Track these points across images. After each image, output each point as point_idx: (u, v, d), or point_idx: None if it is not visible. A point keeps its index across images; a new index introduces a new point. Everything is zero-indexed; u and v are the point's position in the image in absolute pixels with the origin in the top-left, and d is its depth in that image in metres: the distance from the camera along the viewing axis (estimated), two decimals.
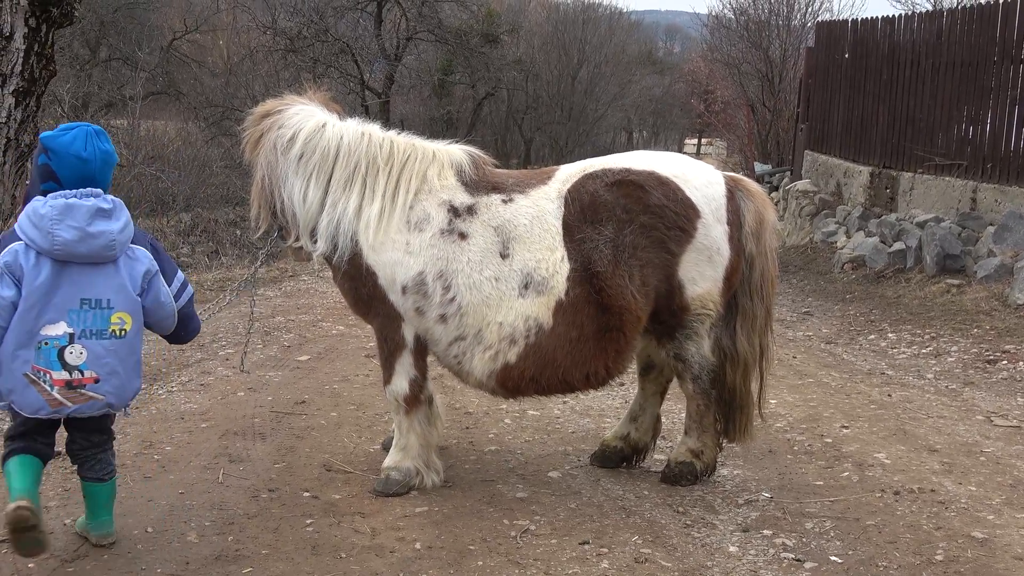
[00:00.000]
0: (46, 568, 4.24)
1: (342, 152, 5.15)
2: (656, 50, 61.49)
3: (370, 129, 5.31)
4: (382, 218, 5.06)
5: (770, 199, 5.50)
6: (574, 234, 5.01)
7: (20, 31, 10.33)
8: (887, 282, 12.03)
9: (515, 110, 37.97)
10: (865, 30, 16.30)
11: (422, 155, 5.23)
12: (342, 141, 5.16)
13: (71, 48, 24.44)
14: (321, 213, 5.15)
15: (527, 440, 6.21)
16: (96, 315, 4.17)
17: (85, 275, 4.15)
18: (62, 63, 15.20)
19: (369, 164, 5.15)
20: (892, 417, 6.74)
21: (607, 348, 5.04)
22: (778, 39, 28.24)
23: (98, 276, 4.18)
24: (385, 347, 5.21)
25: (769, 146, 27.36)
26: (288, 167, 5.15)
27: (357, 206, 5.10)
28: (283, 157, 5.14)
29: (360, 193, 5.11)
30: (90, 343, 4.16)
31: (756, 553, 4.53)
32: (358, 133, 5.23)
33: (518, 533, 4.71)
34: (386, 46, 29.18)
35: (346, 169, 5.14)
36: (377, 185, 5.12)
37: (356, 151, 5.15)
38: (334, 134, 5.18)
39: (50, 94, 13.55)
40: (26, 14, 10.32)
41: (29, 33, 10.37)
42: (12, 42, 10.39)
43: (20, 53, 10.39)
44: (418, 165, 5.18)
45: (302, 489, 5.22)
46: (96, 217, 4.12)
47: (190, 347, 8.51)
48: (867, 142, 15.71)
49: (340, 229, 5.09)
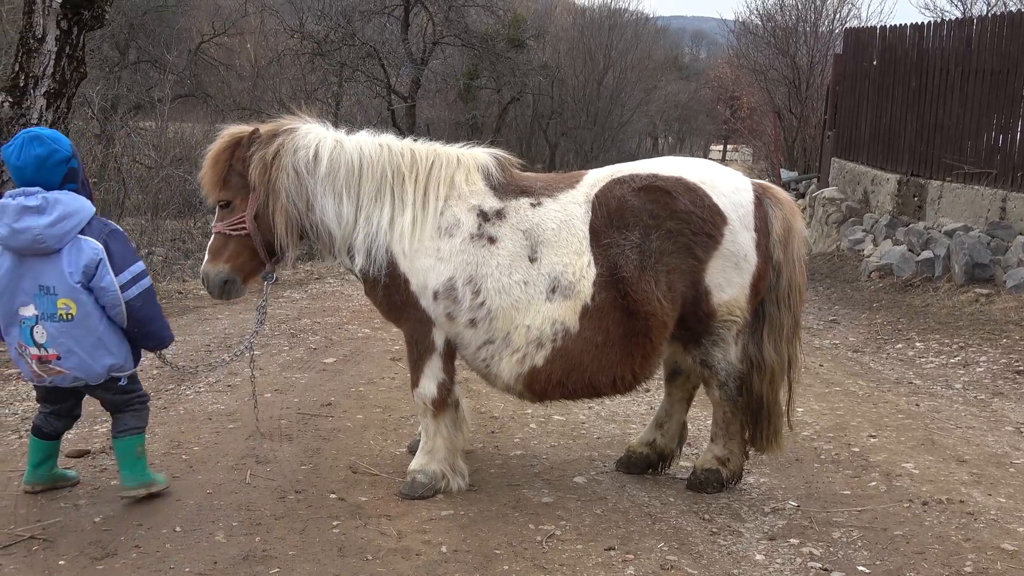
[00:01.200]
0: (77, 566, 4.27)
1: (365, 165, 5.14)
2: (682, 56, 61.44)
3: (386, 139, 5.32)
4: (415, 226, 5.07)
5: (798, 206, 5.47)
6: (601, 239, 5.01)
7: (52, 33, 10.46)
8: (915, 291, 11.95)
9: (540, 115, 37.99)
10: (894, 37, 16.21)
11: (446, 160, 5.24)
12: (363, 154, 5.16)
13: (101, 50, 24.65)
14: (356, 229, 5.14)
15: (552, 445, 6.21)
16: (48, 300, 4.73)
17: (40, 263, 4.71)
18: (92, 65, 15.39)
19: (394, 174, 5.15)
20: (920, 427, 6.70)
21: (633, 353, 5.04)
22: (805, 46, 28.17)
23: (49, 264, 4.71)
24: (415, 351, 5.23)
25: (795, 153, 27.28)
26: (316, 187, 5.09)
27: (390, 217, 5.10)
28: (310, 178, 5.08)
29: (391, 204, 5.12)
30: (47, 324, 4.74)
31: (783, 562, 4.51)
32: (376, 144, 5.23)
33: (544, 538, 4.71)
34: (413, 50, 29.25)
35: (373, 182, 5.14)
36: (405, 194, 5.13)
37: (379, 162, 5.16)
38: (353, 148, 5.18)
39: (80, 96, 13.67)
40: (58, 17, 10.44)
41: (61, 35, 10.50)
42: (44, 44, 10.52)
43: (52, 55, 10.52)
44: (444, 171, 5.19)
45: (328, 491, 5.25)
46: (23, 214, 4.62)
47: (217, 348, 8.57)
48: (895, 150, 15.62)
49: (377, 242, 5.09)
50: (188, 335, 9.33)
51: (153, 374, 7.71)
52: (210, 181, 5.17)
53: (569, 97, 38.63)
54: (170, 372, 7.60)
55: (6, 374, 7.45)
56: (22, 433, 6.07)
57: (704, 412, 6.42)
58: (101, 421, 6.34)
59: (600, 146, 38.71)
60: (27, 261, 4.69)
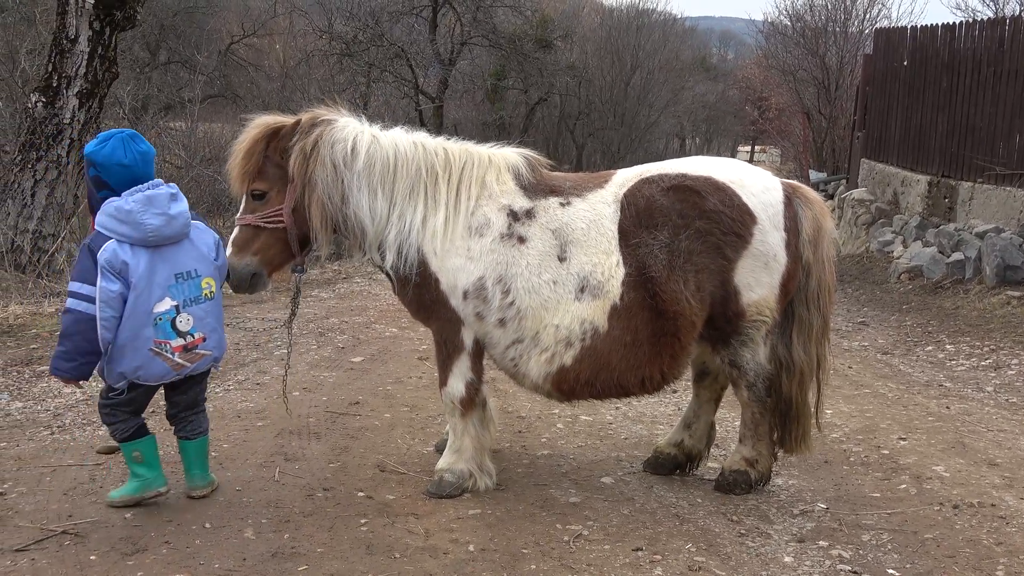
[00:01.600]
0: (107, 561, 4.32)
1: (400, 162, 5.13)
2: (710, 56, 61.19)
3: (421, 137, 5.31)
4: (447, 226, 5.07)
5: (828, 207, 5.44)
6: (629, 239, 5.00)
7: (84, 34, 10.59)
8: (945, 293, 11.86)
9: (567, 115, 37.95)
10: (925, 37, 16.07)
11: (478, 160, 5.24)
12: (398, 151, 5.15)
13: (132, 51, 24.88)
14: (388, 225, 5.14)
15: (580, 445, 6.20)
16: (190, 285, 4.86)
17: (171, 253, 4.81)
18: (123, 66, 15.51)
19: (428, 172, 5.15)
20: (951, 430, 6.64)
21: (662, 353, 5.02)
22: (835, 46, 28.02)
23: (181, 252, 4.86)
24: (443, 350, 5.24)
25: (824, 154, 27.13)
26: (352, 181, 5.06)
27: (423, 216, 5.09)
28: (347, 171, 5.05)
29: (424, 203, 5.12)
30: (192, 309, 4.85)
31: (812, 564, 4.48)
32: (410, 142, 5.22)
33: (571, 538, 4.70)
34: (440, 51, 29.31)
35: (407, 179, 5.13)
36: (439, 194, 5.13)
37: (413, 160, 5.15)
38: (388, 144, 5.17)
39: (111, 96, 13.80)
40: (90, 18, 10.57)
41: (93, 36, 10.64)
42: (77, 45, 10.65)
43: (84, 56, 10.66)
44: (476, 171, 5.19)
45: (356, 489, 5.27)
46: (171, 201, 4.78)
47: (246, 346, 8.63)
48: (925, 151, 15.49)
49: (409, 240, 5.08)
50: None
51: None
52: (244, 171, 5.09)
53: (596, 98, 38.57)
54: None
55: (38, 371, 7.53)
56: (54, 429, 6.14)
57: (732, 413, 6.39)
58: None
59: (627, 147, 38.60)
60: (160, 253, 4.76)
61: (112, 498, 4.94)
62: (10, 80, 15.86)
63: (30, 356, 8.00)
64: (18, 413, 6.51)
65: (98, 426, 6.00)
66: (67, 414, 6.47)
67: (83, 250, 4.73)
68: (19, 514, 4.79)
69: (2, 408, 6.63)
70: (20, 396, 6.89)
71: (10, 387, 7.15)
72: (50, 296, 10.45)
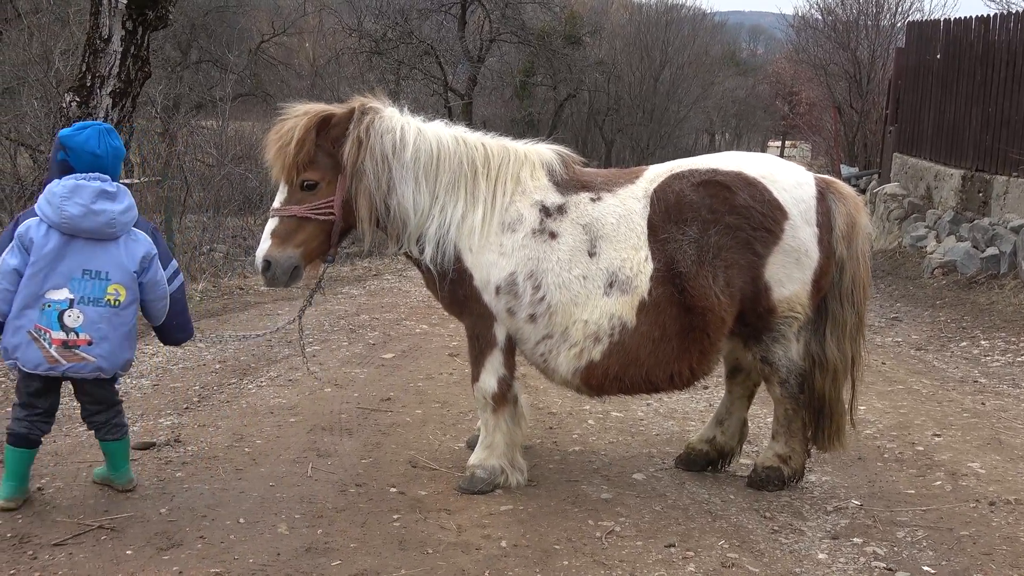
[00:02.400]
0: (143, 556, 4.35)
1: (443, 155, 5.12)
2: (740, 51, 60.80)
3: (461, 132, 5.31)
4: (484, 222, 5.08)
5: (862, 202, 5.39)
6: (658, 234, 4.99)
7: (117, 34, 10.66)
8: (979, 288, 11.73)
9: (596, 112, 37.85)
10: (958, 30, 15.90)
11: (515, 156, 5.23)
12: (441, 144, 5.14)
13: (163, 50, 25.08)
14: (429, 219, 5.11)
15: (611, 441, 6.19)
16: (95, 284, 4.77)
17: (89, 248, 4.77)
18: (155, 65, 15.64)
19: (469, 166, 5.14)
20: (986, 426, 6.57)
21: (691, 349, 5.01)
22: (867, 40, 27.78)
23: (100, 250, 4.79)
24: (476, 345, 5.24)
25: (856, 148, 26.92)
26: (399, 172, 5.04)
27: (463, 212, 5.09)
28: (396, 162, 5.03)
29: (464, 198, 5.11)
30: (87, 308, 4.75)
31: (846, 561, 4.45)
32: (452, 136, 5.21)
33: (603, 534, 4.70)
34: (469, 48, 29.34)
35: (449, 173, 5.11)
36: (478, 189, 5.12)
37: (455, 154, 5.14)
38: (433, 136, 5.15)
39: (143, 95, 13.91)
40: (123, 17, 10.64)
41: (126, 36, 10.70)
42: (110, 44, 10.73)
43: (117, 55, 10.73)
44: (512, 167, 5.19)
45: (389, 485, 5.29)
46: (100, 197, 4.74)
47: (278, 343, 8.67)
48: (959, 145, 15.32)
49: (448, 235, 5.07)
50: (250, 330, 9.45)
51: (215, 368, 7.83)
52: (295, 160, 4.98)
53: (625, 93, 38.42)
54: (232, 366, 7.73)
55: None
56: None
57: (765, 410, 6.36)
58: (166, 414, 6.46)
59: (656, 143, 38.45)
60: (74, 244, 4.73)
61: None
62: (45, 80, 16.01)
63: None
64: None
65: (132, 423, 6.07)
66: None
67: (12, 222, 4.84)
68: (56, 509, 4.85)
69: None
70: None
71: None
72: None
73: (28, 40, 17.70)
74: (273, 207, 5.12)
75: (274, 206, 5.11)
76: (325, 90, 27.34)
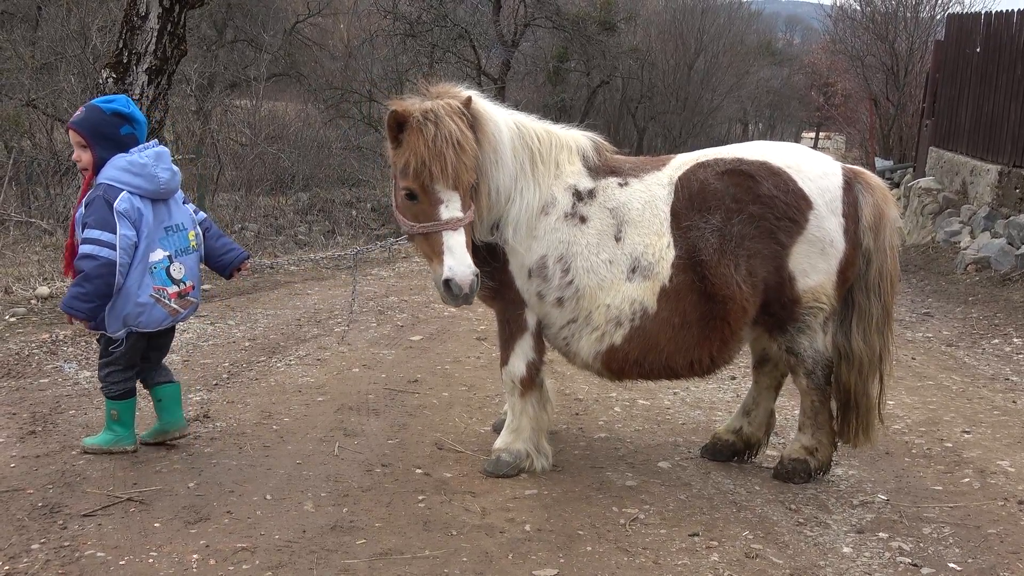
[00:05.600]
0: (171, 528, 4.41)
1: (517, 140, 5.05)
2: (775, 41, 60.26)
3: (519, 117, 5.22)
4: (531, 204, 5.06)
5: (891, 194, 5.33)
6: (681, 221, 4.98)
7: (155, 11, 10.73)
8: (1013, 285, 11.60)
9: (629, 99, 37.65)
10: (999, 23, 15.67)
11: (556, 141, 5.22)
12: (516, 128, 5.07)
13: (199, 29, 25.10)
14: (509, 202, 5.01)
15: (637, 429, 6.19)
16: (179, 236, 5.26)
17: (161, 208, 5.20)
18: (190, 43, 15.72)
19: (531, 149, 5.10)
20: (1017, 424, 6.51)
21: (711, 336, 5.00)
22: (905, 32, 27.44)
23: (167, 208, 5.24)
24: (506, 329, 5.25)
25: (891, 141, 26.65)
26: (498, 158, 4.92)
27: (532, 193, 5.04)
28: (501, 145, 4.93)
29: (533, 180, 5.06)
30: (183, 259, 5.26)
31: (871, 556, 4.43)
32: (512, 121, 5.11)
33: (627, 521, 4.70)
34: (503, 32, 29.25)
35: (521, 155, 5.05)
36: (537, 172, 5.09)
37: (522, 137, 5.07)
38: (509, 121, 5.07)
39: (179, 73, 13.98)
40: None
41: (163, 13, 10.78)
42: (147, 21, 10.80)
43: (154, 33, 10.80)
44: (554, 151, 5.18)
45: (414, 466, 5.32)
46: (170, 159, 5.24)
47: (307, 323, 8.72)
48: (997, 140, 15.12)
49: (521, 218, 5.01)
50: (280, 309, 9.52)
51: (245, 346, 7.89)
52: (468, 166, 4.70)
53: (659, 81, 38.19)
54: (261, 344, 7.78)
55: None
56: None
57: (792, 401, 6.33)
58: (196, 390, 6.52)
59: (689, 131, 38.20)
60: (153, 208, 5.14)
61: (85, 444, 5.32)
62: (82, 56, 16.13)
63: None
64: (86, 382, 6.65)
65: None
66: None
67: (98, 200, 5.00)
68: (87, 480, 4.91)
69: (71, 377, 6.79)
70: (88, 366, 7.05)
71: (78, 356, 7.32)
72: None
73: (66, 16, 17.83)
74: (457, 217, 4.67)
75: (457, 216, 4.67)
76: (358, 71, 27.38)
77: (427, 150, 4.58)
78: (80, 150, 5.16)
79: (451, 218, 4.66)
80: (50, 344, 7.61)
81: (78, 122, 5.13)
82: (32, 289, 9.36)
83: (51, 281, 9.78)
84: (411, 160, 4.62)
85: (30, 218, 13.12)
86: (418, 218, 4.73)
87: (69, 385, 6.60)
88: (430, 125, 4.61)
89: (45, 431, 5.64)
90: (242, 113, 22.56)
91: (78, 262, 5.01)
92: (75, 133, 5.13)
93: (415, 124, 4.64)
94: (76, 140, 5.16)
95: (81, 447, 5.30)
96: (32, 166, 14.88)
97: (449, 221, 4.65)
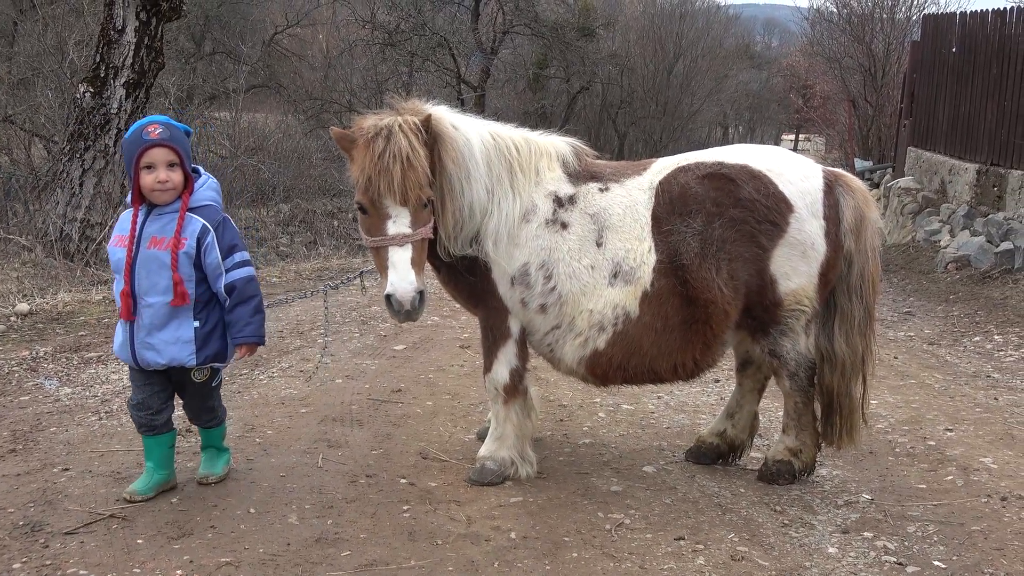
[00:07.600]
0: (154, 544, 4.38)
1: (491, 151, 5.04)
2: (754, 44, 60.59)
3: (494, 127, 5.22)
4: (511, 215, 5.05)
5: (872, 196, 5.36)
6: (662, 225, 4.99)
7: (131, 25, 10.72)
8: (993, 283, 11.67)
9: (609, 104, 37.78)
10: (974, 23, 15.81)
11: (535, 148, 5.22)
12: (489, 140, 5.06)
13: (177, 42, 25.07)
14: (487, 215, 5.00)
15: (621, 434, 6.19)
16: None
17: None
18: (168, 56, 15.67)
19: (507, 159, 5.08)
20: (999, 421, 6.54)
21: (694, 340, 5.01)
22: (881, 33, 27.63)
23: None
24: (490, 336, 5.24)
25: (870, 142, 26.80)
26: (471, 172, 4.91)
27: (511, 204, 5.03)
28: (470, 160, 4.91)
29: (510, 190, 5.05)
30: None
31: (856, 555, 4.44)
32: (489, 132, 5.12)
33: (613, 526, 4.70)
34: (482, 40, 29.32)
35: (496, 166, 5.03)
36: (515, 181, 5.09)
37: (497, 147, 5.06)
38: (483, 133, 5.06)
39: (157, 86, 13.94)
40: (137, 8, 10.67)
41: (140, 27, 10.76)
42: (124, 35, 10.78)
43: (131, 46, 10.79)
44: (533, 158, 5.18)
45: (399, 475, 5.30)
46: None
47: (290, 334, 8.69)
48: (974, 139, 15.23)
49: (502, 228, 5.00)
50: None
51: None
52: (418, 181, 4.66)
53: (639, 86, 38.35)
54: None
55: (87, 357, 7.65)
56: (102, 415, 6.23)
57: (776, 403, 6.34)
58: (177, 404, 6.46)
59: (669, 136, 38.37)
60: None
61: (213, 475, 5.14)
62: (59, 71, 16.08)
63: (79, 343, 8.13)
64: (67, 399, 6.61)
65: None
66: (114, 400, 6.56)
67: (227, 222, 4.86)
68: (68, 498, 4.87)
69: (52, 394, 6.74)
70: (69, 382, 7.00)
71: (59, 373, 7.27)
72: (98, 284, 10.62)
73: (43, 31, 17.78)
74: (404, 233, 4.66)
75: (404, 232, 4.66)
76: (338, 81, 27.38)
77: (373, 166, 4.60)
78: (167, 170, 4.65)
79: (397, 233, 4.67)
80: (30, 361, 7.55)
81: (173, 140, 4.67)
82: (11, 306, 9.29)
83: (30, 298, 9.71)
84: (360, 175, 4.68)
85: (8, 235, 13.04)
86: (370, 232, 4.78)
87: (50, 402, 6.55)
88: (380, 141, 4.62)
89: (26, 449, 5.59)
90: (221, 125, 22.51)
91: (248, 285, 4.78)
92: (170, 151, 4.65)
93: (364, 140, 4.68)
94: (167, 159, 4.64)
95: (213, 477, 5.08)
96: (10, 182, 14.79)
97: (395, 236, 4.67)
